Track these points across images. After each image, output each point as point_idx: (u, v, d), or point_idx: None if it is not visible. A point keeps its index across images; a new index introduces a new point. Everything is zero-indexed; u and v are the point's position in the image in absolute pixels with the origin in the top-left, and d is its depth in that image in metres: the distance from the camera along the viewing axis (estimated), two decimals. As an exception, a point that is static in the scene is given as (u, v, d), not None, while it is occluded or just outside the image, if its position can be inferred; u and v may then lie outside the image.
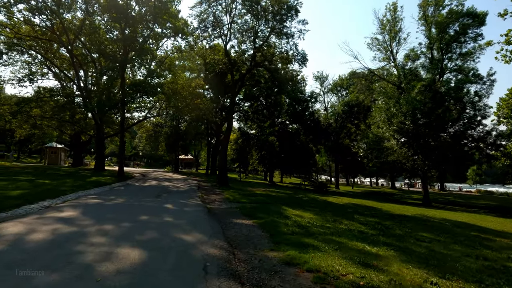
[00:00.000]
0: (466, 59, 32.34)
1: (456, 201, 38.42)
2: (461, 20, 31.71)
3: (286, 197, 19.62)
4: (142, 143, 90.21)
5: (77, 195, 13.20)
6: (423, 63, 34.04)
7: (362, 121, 50.22)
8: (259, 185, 35.82)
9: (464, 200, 42.03)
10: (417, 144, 31.74)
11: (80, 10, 31.97)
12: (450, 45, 32.25)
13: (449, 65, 32.33)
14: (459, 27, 31.92)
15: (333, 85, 59.74)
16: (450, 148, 29.57)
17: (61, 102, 33.56)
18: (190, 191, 19.04)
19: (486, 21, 30.73)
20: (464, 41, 32.13)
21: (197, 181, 28.56)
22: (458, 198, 45.07)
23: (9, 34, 32.32)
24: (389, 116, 31.96)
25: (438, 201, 35.38)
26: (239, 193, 19.26)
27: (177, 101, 35.25)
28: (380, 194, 46.80)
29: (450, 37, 32.27)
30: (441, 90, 30.92)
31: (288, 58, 26.63)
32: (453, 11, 31.69)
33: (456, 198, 43.01)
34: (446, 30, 32.32)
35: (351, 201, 22.81)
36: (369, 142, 34.92)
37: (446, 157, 30.23)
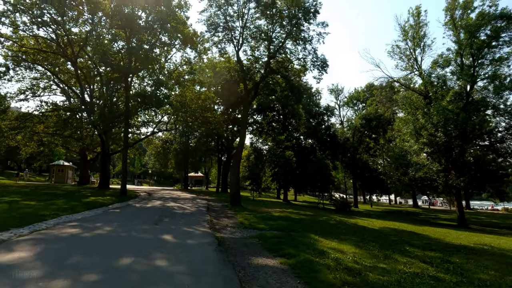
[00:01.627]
0: (499, 65, 29.37)
1: (493, 222, 34.57)
2: (493, 23, 29.01)
3: (310, 220, 16.74)
4: (152, 161, 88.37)
5: (57, 221, 10.69)
6: (453, 70, 31.18)
7: (382, 135, 47.32)
8: (274, 204, 32.90)
9: (499, 220, 38.12)
10: (449, 158, 28.62)
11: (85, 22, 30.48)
12: (481, 50, 29.43)
13: (480, 72, 29.34)
14: (491, 30, 29.18)
15: (349, 98, 57.20)
16: (486, 163, 26.35)
17: (64, 117, 31.75)
18: (197, 213, 16.37)
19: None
20: (497, 45, 29.30)
21: (206, 201, 25.90)
22: (491, 217, 41.05)
23: (14, 48, 31.07)
24: (417, 128, 29.00)
25: (473, 222, 31.68)
26: (254, 216, 16.49)
27: (186, 114, 33.17)
28: (404, 214, 43.18)
29: (482, 42, 29.50)
30: (475, 98, 28.02)
31: (306, 65, 24.25)
32: (484, 14, 29.05)
33: (490, 218, 39.04)
34: (476, 35, 29.60)
35: (384, 224, 19.71)
36: (393, 156, 31.91)
37: (484, 173, 26.97)
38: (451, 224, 30.20)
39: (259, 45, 24.82)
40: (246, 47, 24.68)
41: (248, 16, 23.63)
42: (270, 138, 30.60)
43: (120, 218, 12.33)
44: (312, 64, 23.57)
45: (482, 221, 36.10)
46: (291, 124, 25.56)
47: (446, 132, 26.56)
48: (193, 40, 29.13)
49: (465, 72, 28.45)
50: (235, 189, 22.54)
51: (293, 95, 23.05)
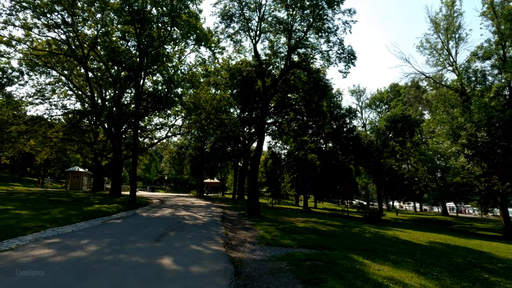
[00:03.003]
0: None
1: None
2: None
3: (342, 234, 14.24)
4: (168, 167, 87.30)
5: (37, 236, 8.68)
6: (493, 64, 28.06)
7: (409, 138, 44.22)
8: (294, 212, 30.41)
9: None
10: (493, 161, 25.48)
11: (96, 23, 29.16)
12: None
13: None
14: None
15: (371, 100, 54.17)
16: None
17: (73, 120, 30.42)
18: (210, 225, 14.15)
19: None
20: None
21: (221, 209, 23.70)
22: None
23: (25, 51, 30.14)
24: (454, 127, 26.03)
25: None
26: (276, 228, 14.14)
27: (200, 117, 31.32)
28: (436, 223, 39.70)
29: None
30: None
31: (330, 59, 21.86)
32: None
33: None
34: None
35: (427, 236, 16.92)
36: (427, 160, 28.97)
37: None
38: (495, 235, 26.89)
39: (279, 37, 22.66)
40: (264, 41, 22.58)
41: (266, 7, 21.56)
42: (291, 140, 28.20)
43: (116, 232, 10.23)
44: (338, 57, 21.16)
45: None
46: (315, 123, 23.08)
47: (490, 131, 23.52)
48: (208, 37, 27.38)
49: (508, 64, 25.36)
50: (253, 197, 20.24)
51: (318, 90, 20.72)
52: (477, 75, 27.99)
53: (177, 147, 54.57)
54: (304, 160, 31.37)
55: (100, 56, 28.21)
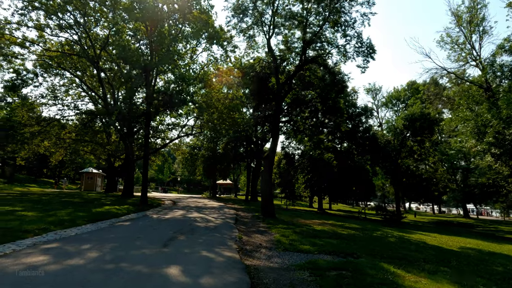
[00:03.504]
0: None
1: None
2: None
3: (364, 238, 13.26)
4: (181, 168, 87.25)
5: (36, 240, 8.08)
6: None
7: (428, 137, 42.56)
8: (309, 214, 29.43)
9: None
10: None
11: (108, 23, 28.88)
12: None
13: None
14: None
15: (388, 98, 52.57)
16: None
17: (85, 120, 30.20)
18: (223, 227, 13.39)
19: None
20: None
21: (235, 211, 22.95)
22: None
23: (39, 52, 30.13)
24: (479, 125, 24.59)
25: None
26: (293, 231, 13.27)
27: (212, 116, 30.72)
28: (457, 225, 37.98)
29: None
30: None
31: (347, 54, 20.87)
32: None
33: None
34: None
35: (455, 241, 15.72)
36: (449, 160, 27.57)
37: None
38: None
39: (293, 32, 21.80)
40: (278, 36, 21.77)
41: (280, 0, 20.72)
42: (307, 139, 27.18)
43: (122, 236, 9.56)
44: (356, 51, 20.15)
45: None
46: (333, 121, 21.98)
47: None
48: (219, 35, 26.75)
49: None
50: (267, 198, 19.40)
51: (335, 85, 19.73)
52: (504, 70, 26.44)
53: (189, 148, 54.15)
54: (320, 159, 30.29)
55: (112, 55, 27.92)
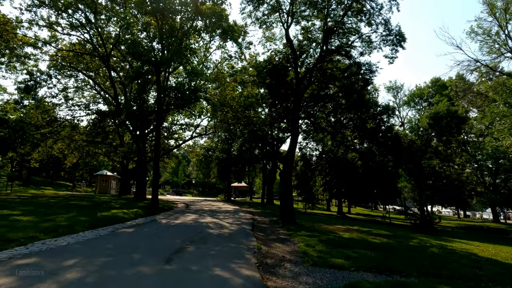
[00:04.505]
0: None
1: None
2: None
3: (399, 247, 11.45)
4: (195, 170, 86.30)
5: (16, 252, 6.69)
6: None
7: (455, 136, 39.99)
8: (330, 219, 27.61)
9: None
10: None
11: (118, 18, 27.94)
12: None
13: None
14: None
15: (410, 96, 50.02)
16: None
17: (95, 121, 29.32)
18: (239, 234, 11.82)
19: None
20: None
21: (251, 215, 21.36)
22: None
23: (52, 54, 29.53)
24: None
25: None
26: (319, 239, 11.57)
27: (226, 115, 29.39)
28: (488, 231, 35.22)
29: None
30: None
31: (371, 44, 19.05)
32: None
33: None
34: None
35: (507, 252, 13.65)
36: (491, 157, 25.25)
37: None
38: None
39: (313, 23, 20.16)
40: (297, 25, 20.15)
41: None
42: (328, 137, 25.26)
43: (120, 247, 8.10)
44: (383, 40, 18.32)
45: None
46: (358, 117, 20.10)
47: None
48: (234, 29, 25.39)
49: None
50: (286, 202, 17.72)
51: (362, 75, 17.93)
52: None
53: (203, 149, 53.00)
54: (344, 159, 28.38)
55: (122, 52, 26.94)
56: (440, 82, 46.28)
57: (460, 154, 43.97)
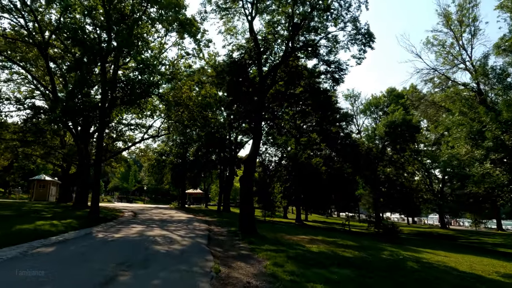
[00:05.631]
0: None
1: None
2: None
3: (375, 262, 10.17)
4: (147, 176, 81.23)
5: None
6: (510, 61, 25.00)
7: (409, 144, 41.14)
8: (290, 227, 26.28)
9: None
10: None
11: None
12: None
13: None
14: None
15: (366, 105, 51.04)
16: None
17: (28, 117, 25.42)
18: (192, 251, 9.79)
19: None
20: None
21: (206, 225, 19.24)
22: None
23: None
24: (474, 130, 22.62)
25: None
26: (286, 255, 9.91)
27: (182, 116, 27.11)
28: (439, 237, 36.18)
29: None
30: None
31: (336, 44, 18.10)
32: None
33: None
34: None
35: (474, 261, 12.99)
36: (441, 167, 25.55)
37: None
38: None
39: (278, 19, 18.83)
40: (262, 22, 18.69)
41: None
42: (292, 140, 23.88)
43: (18, 279, 5.78)
44: (351, 40, 17.42)
45: None
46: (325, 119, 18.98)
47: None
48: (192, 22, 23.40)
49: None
50: (247, 210, 15.91)
51: (331, 74, 16.79)
52: (495, 72, 24.92)
53: (157, 154, 49.54)
54: (307, 164, 27.23)
55: (63, 40, 23.61)
56: (395, 92, 47.72)
57: (413, 162, 45.41)
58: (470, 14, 26.35)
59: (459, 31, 27.27)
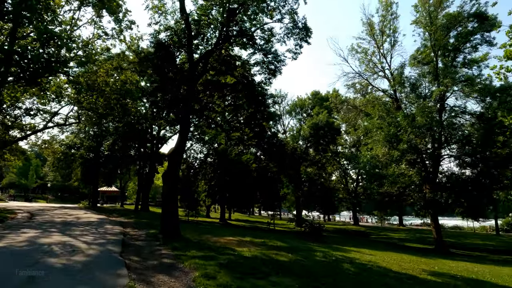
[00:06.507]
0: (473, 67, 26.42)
1: (474, 243, 30.94)
2: (466, 22, 26.16)
3: (314, 267, 9.48)
4: (52, 171, 71.28)
5: None
6: (423, 72, 27.44)
7: (330, 146, 43.19)
8: (215, 228, 24.96)
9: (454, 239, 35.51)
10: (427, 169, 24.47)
11: None
12: (457, 52, 26.33)
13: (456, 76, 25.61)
14: (463, 31, 26.29)
15: (292, 106, 52.34)
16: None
17: None
18: (99, 265, 7.79)
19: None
20: (472, 46, 26.52)
21: (121, 227, 16.74)
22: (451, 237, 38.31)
23: None
24: (391, 133, 24.15)
25: (447, 245, 27.34)
26: (218, 262, 8.58)
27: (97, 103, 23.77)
28: (355, 234, 38.59)
29: (454, 43, 26.52)
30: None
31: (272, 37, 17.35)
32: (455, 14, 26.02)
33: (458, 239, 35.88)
34: (449, 35, 26.52)
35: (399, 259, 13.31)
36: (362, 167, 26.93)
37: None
38: (425, 248, 25.77)
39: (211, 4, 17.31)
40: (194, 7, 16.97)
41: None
42: (223, 135, 22.47)
43: None
44: (288, 33, 16.79)
45: (460, 243, 32.15)
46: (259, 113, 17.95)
47: (435, 135, 22.17)
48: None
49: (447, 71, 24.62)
50: (170, 210, 14.09)
51: (268, 65, 15.87)
52: (411, 81, 27.13)
53: (64, 146, 43.28)
54: (238, 162, 26.03)
55: None
56: (319, 96, 49.81)
57: (333, 163, 47.89)
58: (391, 25, 28.29)
59: (381, 41, 29.10)
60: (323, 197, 45.10)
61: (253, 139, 21.28)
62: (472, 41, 26.52)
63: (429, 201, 23.46)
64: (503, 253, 25.12)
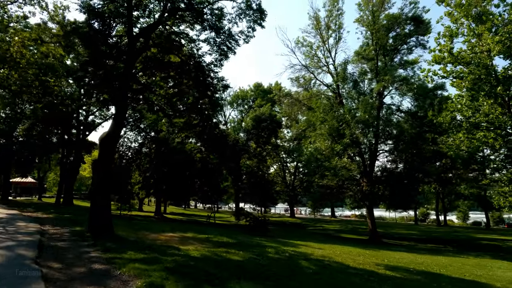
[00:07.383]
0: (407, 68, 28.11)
1: (400, 233, 33.15)
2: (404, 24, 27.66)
3: (267, 264, 8.61)
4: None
5: None
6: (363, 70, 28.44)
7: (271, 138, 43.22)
8: (151, 223, 23.06)
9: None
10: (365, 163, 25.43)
11: None
12: (396, 52, 27.75)
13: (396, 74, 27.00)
14: (401, 33, 27.81)
15: (234, 98, 51.28)
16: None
17: None
18: (4, 277, 5.92)
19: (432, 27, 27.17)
20: (408, 48, 28.20)
21: (38, 225, 14.06)
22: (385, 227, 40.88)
23: None
24: (334, 128, 24.52)
25: (379, 235, 28.89)
26: (164, 267, 7.20)
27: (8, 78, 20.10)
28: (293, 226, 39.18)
29: (393, 43, 27.94)
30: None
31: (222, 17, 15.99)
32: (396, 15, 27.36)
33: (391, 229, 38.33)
34: (388, 35, 27.80)
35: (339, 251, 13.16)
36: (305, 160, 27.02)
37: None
38: (360, 239, 26.86)
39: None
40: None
41: None
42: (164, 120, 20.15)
43: None
44: (240, 14, 15.56)
45: (392, 233, 34.21)
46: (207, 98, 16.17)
47: (377, 131, 22.93)
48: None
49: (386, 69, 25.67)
50: (102, 203, 12.09)
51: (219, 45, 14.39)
52: (354, 78, 27.89)
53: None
54: (181, 151, 23.95)
55: None
56: (262, 88, 49.50)
57: (273, 156, 48.07)
58: (336, 21, 28.67)
59: (327, 36, 29.39)
60: (262, 189, 44.99)
61: (197, 127, 19.71)
62: (409, 43, 28.24)
63: (366, 193, 24.41)
64: (426, 241, 27.35)
